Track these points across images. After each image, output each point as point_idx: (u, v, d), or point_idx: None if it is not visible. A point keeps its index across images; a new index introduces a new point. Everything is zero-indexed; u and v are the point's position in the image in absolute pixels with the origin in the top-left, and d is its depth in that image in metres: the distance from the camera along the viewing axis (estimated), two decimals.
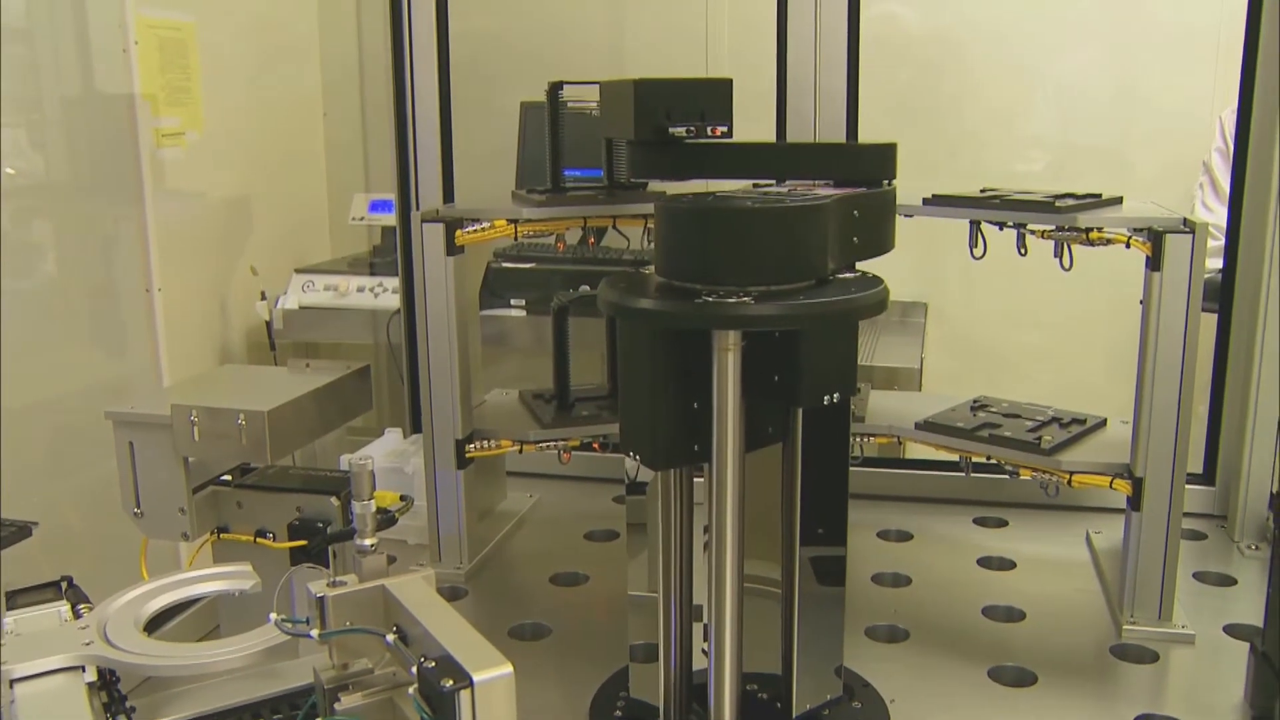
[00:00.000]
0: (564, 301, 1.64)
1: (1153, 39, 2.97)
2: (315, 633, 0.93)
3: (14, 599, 1.03)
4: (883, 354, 2.65)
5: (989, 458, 1.49)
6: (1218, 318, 1.73)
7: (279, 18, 3.11)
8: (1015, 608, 1.48)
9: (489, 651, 0.82)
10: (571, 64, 1.67)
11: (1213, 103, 2.80)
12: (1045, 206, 1.36)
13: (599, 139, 1.55)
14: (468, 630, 0.86)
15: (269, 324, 2.83)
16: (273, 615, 0.96)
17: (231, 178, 2.86)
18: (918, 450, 1.66)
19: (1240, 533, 1.68)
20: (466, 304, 1.56)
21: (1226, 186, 1.92)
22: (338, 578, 0.94)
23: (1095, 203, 1.39)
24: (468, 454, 1.57)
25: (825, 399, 1.09)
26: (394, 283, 2.64)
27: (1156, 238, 1.30)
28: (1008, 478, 1.49)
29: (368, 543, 0.98)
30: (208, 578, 1.10)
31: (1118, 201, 1.43)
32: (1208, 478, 1.79)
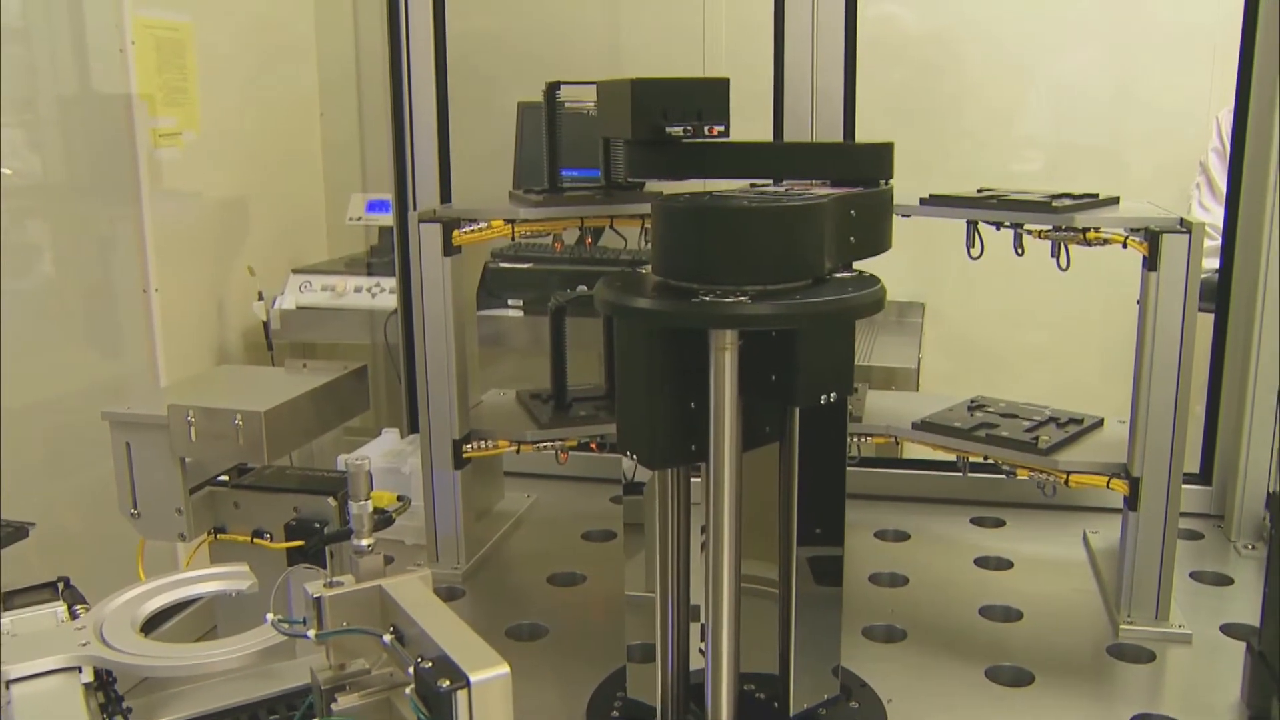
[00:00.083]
0: (561, 301, 1.64)
1: (1150, 39, 2.97)
2: (312, 633, 0.93)
3: (10, 599, 1.03)
4: (880, 354, 2.65)
5: (986, 458, 1.49)
6: (1214, 318, 1.73)
7: (276, 18, 3.11)
8: (1012, 607, 1.48)
9: (486, 652, 0.82)
10: (569, 64, 1.67)
11: (1209, 103, 2.80)
12: (1042, 206, 1.36)
13: (596, 139, 1.55)
14: (464, 630, 0.86)
15: (266, 324, 2.82)
16: (270, 616, 0.96)
17: (228, 178, 2.86)
18: (915, 450, 1.66)
19: (1237, 532, 1.69)
20: (464, 304, 1.56)
21: (1223, 186, 1.92)
22: (335, 578, 0.94)
23: (1092, 203, 1.39)
24: (465, 454, 1.57)
25: (822, 398, 1.09)
26: (391, 283, 2.64)
27: (1153, 238, 1.30)
28: (1005, 478, 1.49)
29: (364, 543, 0.98)
30: (205, 578, 1.10)
31: (1114, 201, 1.43)
32: (1204, 477, 1.79)
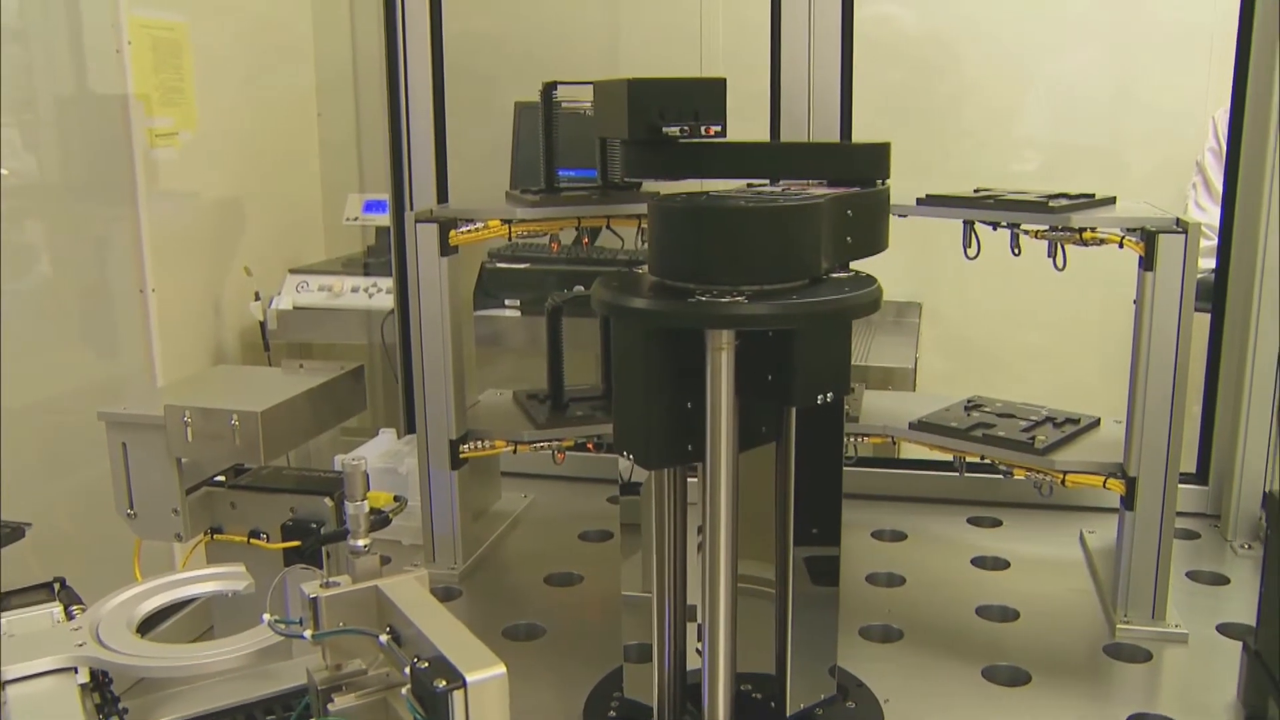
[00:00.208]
0: (558, 301, 1.64)
1: (1146, 39, 2.97)
2: (308, 634, 0.92)
3: (6, 600, 1.03)
4: (877, 354, 2.65)
5: (983, 458, 1.50)
6: (1211, 317, 1.73)
7: (273, 18, 3.11)
8: (1009, 607, 1.48)
9: (482, 652, 0.82)
10: (566, 64, 1.67)
11: (1206, 103, 2.80)
12: (1039, 206, 1.36)
13: (593, 139, 1.55)
14: (461, 631, 0.86)
15: (263, 324, 2.82)
16: (266, 616, 0.95)
17: (225, 178, 2.86)
18: (912, 450, 1.66)
19: (1233, 532, 1.69)
20: (461, 304, 1.56)
21: (1219, 186, 1.93)
22: (331, 578, 0.94)
23: (1088, 203, 1.40)
24: (462, 454, 1.57)
25: (819, 398, 1.09)
26: (388, 283, 2.63)
27: (1149, 238, 1.30)
28: (1002, 477, 1.49)
29: (361, 543, 0.98)
30: (201, 579, 1.10)
31: (1111, 201, 1.43)
32: (1201, 477, 1.80)
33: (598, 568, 1.62)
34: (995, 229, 1.41)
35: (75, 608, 1.03)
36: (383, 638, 0.91)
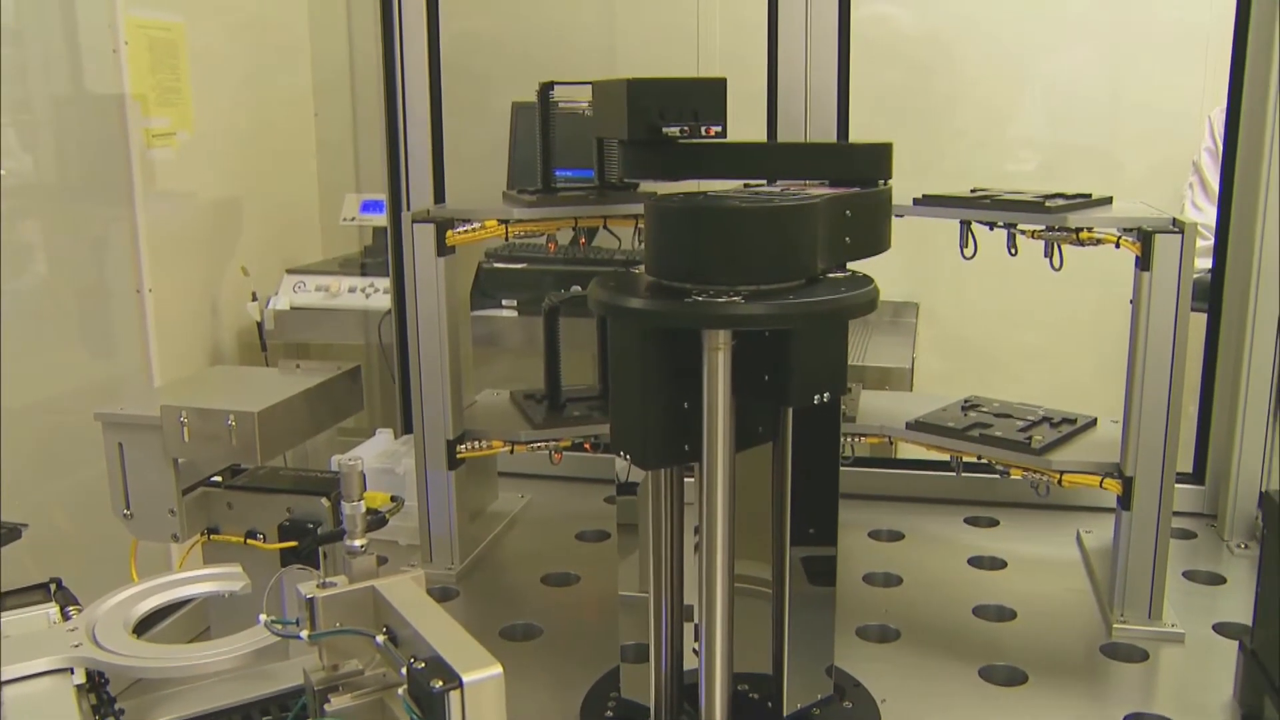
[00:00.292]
0: (555, 302, 1.64)
1: (1143, 39, 2.98)
2: (305, 634, 0.92)
3: (3, 601, 1.03)
4: (874, 354, 2.65)
5: (980, 457, 1.50)
6: (1207, 317, 1.73)
7: (269, 18, 3.11)
8: (1006, 607, 1.48)
9: (478, 652, 0.82)
10: (563, 64, 1.68)
11: (1203, 102, 2.80)
12: (1035, 206, 1.37)
13: (590, 139, 1.55)
14: (457, 631, 0.86)
15: (260, 325, 2.82)
16: (263, 616, 0.95)
17: (222, 178, 2.85)
18: (909, 450, 1.66)
19: (1230, 531, 1.69)
20: (458, 304, 1.56)
21: (1216, 186, 1.93)
22: (328, 579, 0.94)
23: (1085, 203, 1.40)
24: (459, 454, 1.57)
25: (815, 398, 1.09)
26: (385, 283, 2.63)
27: (1146, 238, 1.31)
28: (999, 477, 1.49)
29: (357, 544, 0.98)
30: (198, 579, 1.10)
31: (1107, 201, 1.44)
32: (1197, 477, 1.80)
33: (595, 568, 1.62)
34: (992, 229, 1.41)
35: (71, 608, 1.03)
36: (379, 638, 0.91)
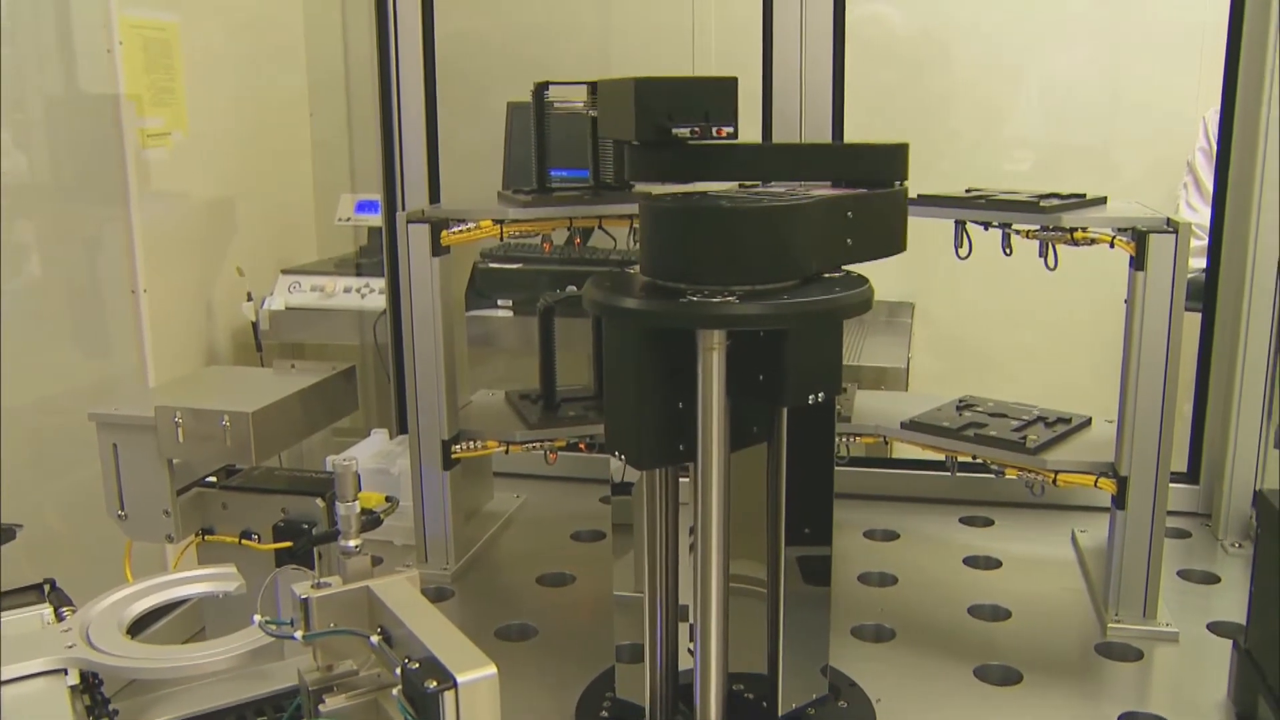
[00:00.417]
0: (550, 302, 1.64)
1: (1138, 39, 2.98)
2: (300, 634, 0.92)
3: None
4: (869, 354, 2.65)
5: (975, 457, 1.50)
6: (1201, 317, 1.73)
7: (264, 18, 3.10)
8: (1001, 606, 1.48)
9: (473, 652, 0.82)
10: (558, 64, 1.67)
11: (1198, 103, 2.81)
12: (1030, 206, 1.37)
13: (585, 139, 1.55)
14: (451, 631, 0.86)
15: (255, 325, 2.82)
16: (257, 617, 0.95)
17: (217, 178, 2.85)
18: (904, 450, 1.66)
19: (1224, 531, 1.69)
20: (453, 304, 1.56)
21: (1210, 186, 1.93)
22: (322, 579, 0.94)
23: (1079, 203, 1.40)
24: (454, 455, 1.57)
25: (810, 398, 1.09)
26: (380, 283, 2.63)
27: (1140, 237, 1.31)
28: (993, 477, 1.49)
29: (352, 544, 0.98)
30: (192, 580, 1.10)
31: (1102, 201, 1.44)
32: (1192, 476, 1.80)
33: (590, 568, 1.62)
34: (987, 229, 1.41)
35: (65, 609, 1.03)
36: (374, 638, 0.91)
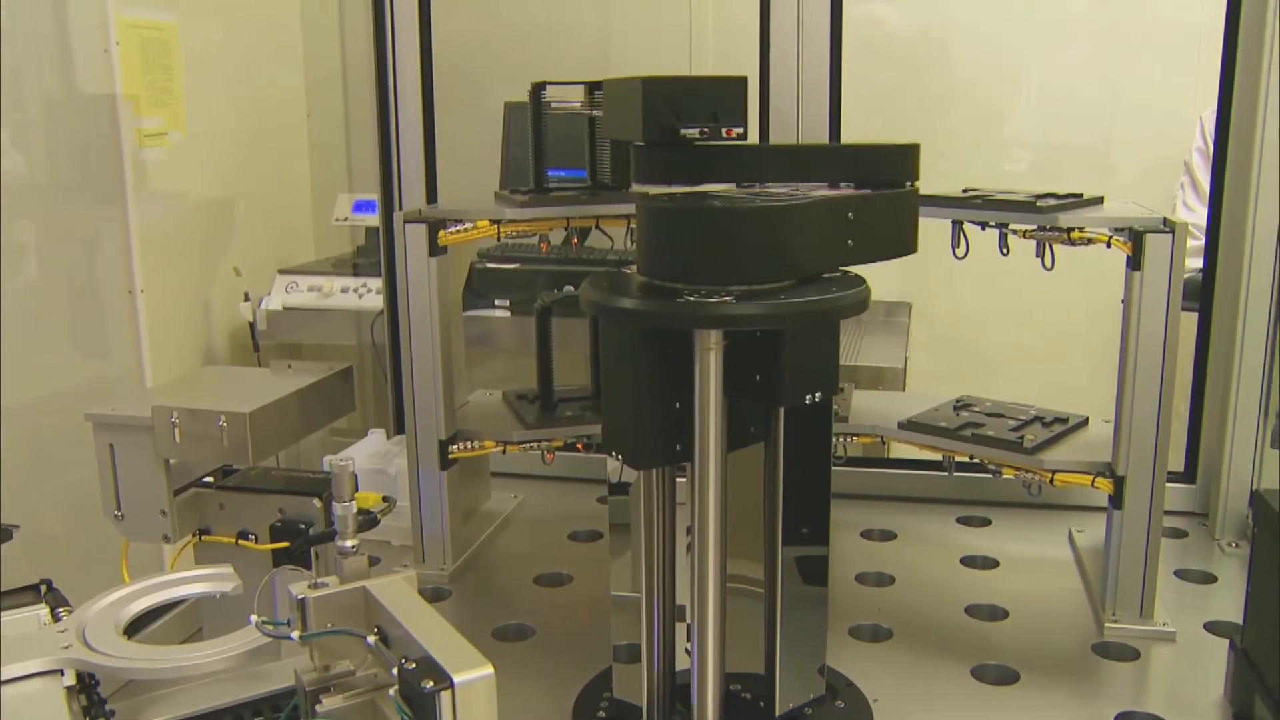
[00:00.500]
0: (547, 302, 1.64)
1: (1137, 40, 2.99)
2: (296, 634, 0.92)
3: None
4: (867, 354, 2.66)
5: (972, 457, 1.50)
6: (1198, 317, 1.74)
7: (262, 18, 3.10)
8: (998, 606, 1.48)
9: (470, 652, 0.82)
10: (556, 64, 1.67)
11: (1195, 103, 2.81)
12: (1027, 206, 1.37)
13: (583, 139, 1.55)
14: (449, 631, 0.86)
15: (252, 325, 2.82)
16: (254, 617, 0.95)
17: (214, 178, 2.85)
18: (901, 450, 1.66)
19: (1221, 530, 1.69)
20: (450, 304, 1.56)
21: (1207, 186, 1.93)
22: (319, 579, 0.94)
23: (1076, 203, 1.40)
24: (451, 455, 1.57)
25: (807, 398, 1.09)
26: (378, 283, 2.64)
27: (1137, 237, 1.31)
28: (991, 477, 1.49)
29: (349, 544, 0.98)
30: (189, 580, 1.10)
31: (1099, 201, 1.44)
32: (1189, 476, 1.80)
33: (587, 568, 1.62)
34: (984, 229, 1.41)
35: (62, 610, 1.03)
36: (371, 639, 0.91)
